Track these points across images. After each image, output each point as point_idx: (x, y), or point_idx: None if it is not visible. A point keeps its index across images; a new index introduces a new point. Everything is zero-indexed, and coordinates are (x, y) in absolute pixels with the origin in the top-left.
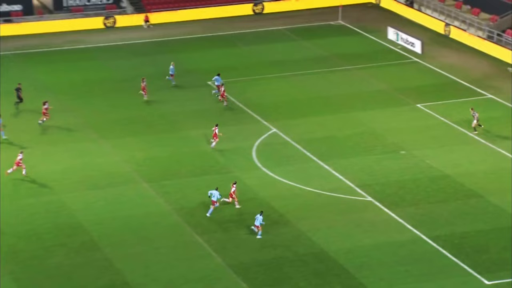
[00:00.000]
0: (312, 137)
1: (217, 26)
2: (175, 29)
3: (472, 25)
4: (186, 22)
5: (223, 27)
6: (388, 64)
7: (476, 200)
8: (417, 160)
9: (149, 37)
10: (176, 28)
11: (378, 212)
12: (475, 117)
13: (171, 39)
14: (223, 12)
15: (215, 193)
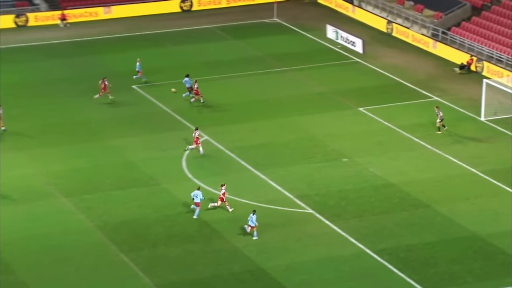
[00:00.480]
0: (246, 145)
1: (142, 25)
2: (94, 28)
3: (415, 23)
4: (107, 20)
5: (148, 26)
6: (327, 65)
7: (423, 210)
8: (360, 168)
9: (66, 37)
10: (96, 27)
11: (319, 225)
12: (439, 116)
13: (91, 39)
14: (148, 9)
15: (198, 194)
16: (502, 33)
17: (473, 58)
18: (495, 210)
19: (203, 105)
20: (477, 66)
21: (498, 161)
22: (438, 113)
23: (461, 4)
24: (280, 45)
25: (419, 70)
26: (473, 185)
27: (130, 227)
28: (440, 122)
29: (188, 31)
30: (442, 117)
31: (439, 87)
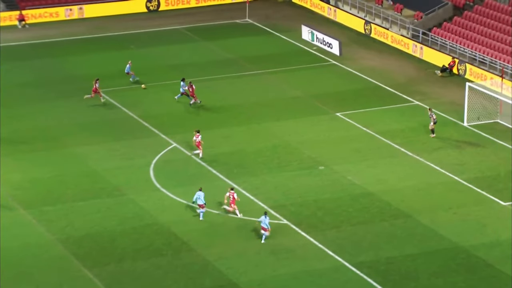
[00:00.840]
0: (218, 152)
1: (105, 26)
2: (55, 30)
3: (395, 23)
4: (69, 21)
5: (112, 27)
6: (302, 68)
7: (404, 221)
8: (337, 176)
9: (24, 39)
10: (57, 28)
11: (294, 237)
12: (432, 119)
13: (51, 40)
14: (112, 9)
15: (201, 195)
16: (485, 34)
17: (455, 60)
18: (479, 220)
19: (177, 111)
20: (459, 69)
21: (482, 169)
22: (431, 115)
23: (442, 3)
24: (253, 47)
25: (399, 73)
26: (456, 193)
27: (94, 240)
28: (433, 125)
29: (154, 32)
30: (436, 119)
31: (420, 90)
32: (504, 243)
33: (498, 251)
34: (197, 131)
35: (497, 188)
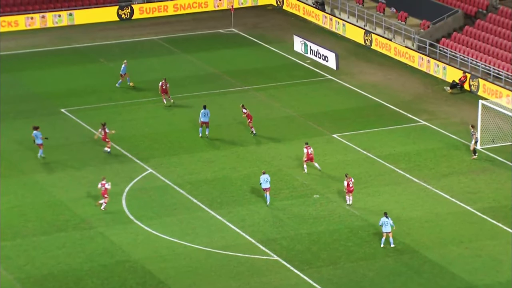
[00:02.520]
0: (199, 179)
1: (72, 36)
2: (14, 41)
3: (398, 33)
4: (30, 31)
5: (80, 38)
6: (295, 83)
7: (410, 256)
8: (334, 206)
9: None
10: (16, 39)
11: (286, 275)
12: (474, 137)
13: (10, 53)
14: (79, 18)
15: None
16: (500, 45)
17: (467, 75)
18: (495, 256)
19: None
20: (471, 85)
21: (497, 197)
22: (474, 133)
23: (451, 11)
24: (239, 60)
25: (403, 90)
26: (468, 225)
27: (58, 280)
28: (475, 145)
29: (127, 43)
30: (478, 138)
31: (427, 109)
32: None
33: None
34: None
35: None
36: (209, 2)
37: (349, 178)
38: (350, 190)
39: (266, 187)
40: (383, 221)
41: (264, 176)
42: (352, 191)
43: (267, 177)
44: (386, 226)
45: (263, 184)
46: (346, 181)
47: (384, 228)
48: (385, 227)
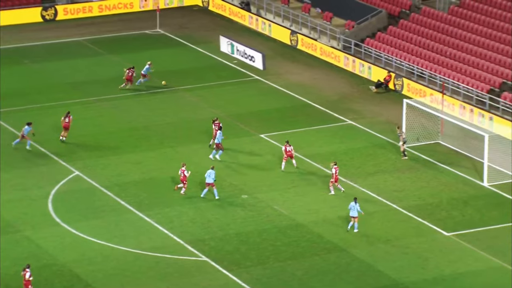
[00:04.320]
0: (126, 181)
1: None
2: None
3: (324, 33)
4: None
5: (4, 39)
6: (222, 84)
7: (338, 255)
8: (262, 205)
9: None
10: None
11: (215, 275)
12: (401, 138)
13: None
14: (3, 19)
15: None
16: (423, 45)
17: (391, 75)
18: (420, 253)
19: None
20: (395, 84)
21: (422, 195)
22: (401, 134)
23: (375, 11)
24: (165, 61)
25: (329, 89)
26: (394, 224)
27: None
28: (404, 145)
29: (52, 45)
30: (405, 139)
31: (353, 108)
32: (447, 278)
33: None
34: (183, 164)
35: (440, 217)
36: (134, 3)
37: (336, 167)
38: (336, 179)
39: (209, 182)
40: (351, 206)
41: (209, 171)
42: (337, 179)
43: (210, 172)
44: (353, 210)
45: (207, 179)
46: (335, 169)
47: (351, 213)
48: (352, 212)
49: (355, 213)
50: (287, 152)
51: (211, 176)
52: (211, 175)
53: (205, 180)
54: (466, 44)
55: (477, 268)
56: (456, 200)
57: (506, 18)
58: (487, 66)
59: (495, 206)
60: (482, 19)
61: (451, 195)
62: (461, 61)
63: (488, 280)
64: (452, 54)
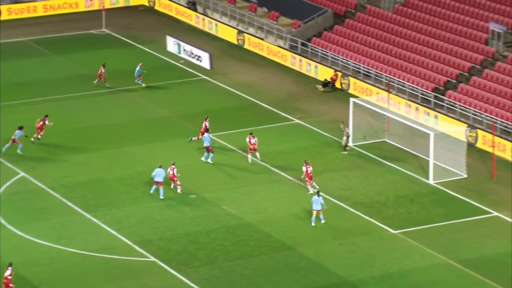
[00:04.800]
0: (73, 182)
1: None
2: None
3: (270, 33)
4: None
5: None
6: (169, 84)
7: (286, 254)
8: (210, 205)
9: None
10: None
11: (163, 276)
12: (345, 133)
13: None
14: None
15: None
16: (369, 44)
17: (338, 74)
18: (368, 251)
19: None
20: (342, 83)
21: (369, 193)
22: (344, 129)
23: (321, 10)
24: (112, 61)
25: (277, 89)
26: (342, 222)
27: None
28: (346, 140)
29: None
30: (349, 134)
31: (300, 108)
32: (394, 275)
33: (388, 285)
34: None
35: (386, 214)
36: (79, 3)
37: (308, 165)
38: (309, 176)
39: (159, 180)
40: (314, 199)
41: (157, 170)
42: (311, 177)
43: (159, 171)
44: (316, 204)
45: (156, 178)
46: (305, 168)
47: (314, 206)
48: (315, 205)
49: (318, 206)
50: (252, 144)
51: (161, 174)
52: (160, 173)
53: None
54: (411, 43)
55: (423, 265)
56: (403, 198)
57: (450, 17)
58: (431, 64)
59: (441, 204)
60: (427, 18)
61: (397, 193)
62: (406, 60)
63: (434, 276)
64: (397, 53)
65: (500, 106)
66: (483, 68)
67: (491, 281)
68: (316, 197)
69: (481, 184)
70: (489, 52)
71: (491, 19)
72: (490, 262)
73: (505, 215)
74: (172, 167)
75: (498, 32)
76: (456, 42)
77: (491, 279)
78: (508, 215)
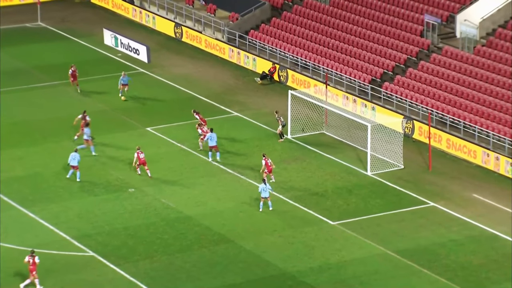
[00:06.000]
0: (9, 177)
1: None
2: None
3: (208, 26)
4: None
5: None
6: (106, 78)
7: (225, 247)
8: (150, 199)
9: None
10: None
11: (102, 270)
12: (280, 121)
13: None
14: None
15: (76, 156)
16: (306, 36)
17: (276, 66)
18: (307, 242)
19: None
20: (280, 75)
21: (307, 186)
22: (279, 118)
23: (259, 3)
24: (47, 55)
25: (215, 82)
26: (281, 214)
27: None
28: (282, 129)
29: None
30: (284, 122)
31: (239, 100)
32: (333, 266)
33: (327, 276)
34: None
35: (325, 206)
36: None
37: (267, 158)
38: (269, 170)
39: (74, 164)
40: (262, 187)
41: (73, 154)
42: (271, 170)
43: (75, 155)
44: (265, 191)
45: (71, 162)
46: (265, 161)
47: (263, 194)
48: (264, 193)
49: (267, 193)
50: (204, 132)
51: (76, 158)
52: (76, 157)
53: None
54: (348, 35)
55: (361, 256)
56: (341, 189)
57: (386, 9)
58: (368, 56)
59: (378, 195)
60: (363, 10)
61: (336, 184)
62: (343, 52)
63: (372, 267)
64: (334, 45)
65: (436, 97)
66: (418, 60)
67: (428, 270)
68: (263, 185)
69: (418, 174)
70: (424, 44)
71: (426, 11)
72: (426, 252)
73: (441, 205)
74: (139, 151)
75: (433, 24)
76: (392, 34)
77: (428, 269)
78: (444, 205)
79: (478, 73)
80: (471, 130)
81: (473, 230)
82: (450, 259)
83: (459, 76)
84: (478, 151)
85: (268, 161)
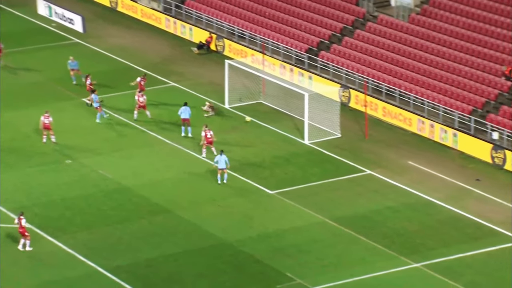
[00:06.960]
0: None
1: None
2: None
3: None
4: None
5: None
6: (40, 48)
7: (164, 217)
8: (87, 170)
9: None
10: None
11: (40, 242)
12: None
13: None
14: None
15: None
16: (242, 5)
17: (213, 36)
18: (245, 212)
19: None
20: (217, 45)
21: (246, 155)
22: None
23: None
24: None
25: (152, 52)
26: (219, 184)
27: None
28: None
29: None
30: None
31: (176, 70)
32: (272, 235)
33: (266, 245)
34: None
35: (263, 175)
36: None
37: (208, 130)
38: (209, 141)
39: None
40: (218, 158)
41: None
42: (211, 142)
43: None
44: (221, 162)
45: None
46: (204, 132)
47: (219, 165)
48: (220, 164)
49: (223, 164)
50: (140, 103)
51: None
52: None
53: None
54: (284, 4)
55: (300, 224)
56: (279, 159)
57: None
58: (304, 25)
59: (316, 163)
60: None
61: (273, 153)
62: (280, 22)
63: (310, 235)
64: (270, 14)
65: (372, 66)
66: (354, 29)
67: (365, 237)
68: (219, 156)
69: (355, 143)
70: (359, 13)
71: None
72: (363, 219)
73: (378, 173)
74: (46, 115)
75: None
76: (328, 3)
77: (365, 236)
78: (381, 173)
79: (413, 41)
80: (406, 98)
81: (409, 197)
82: (387, 226)
83: (394, 45)
84: (413, 119)
85: (208, 133)
